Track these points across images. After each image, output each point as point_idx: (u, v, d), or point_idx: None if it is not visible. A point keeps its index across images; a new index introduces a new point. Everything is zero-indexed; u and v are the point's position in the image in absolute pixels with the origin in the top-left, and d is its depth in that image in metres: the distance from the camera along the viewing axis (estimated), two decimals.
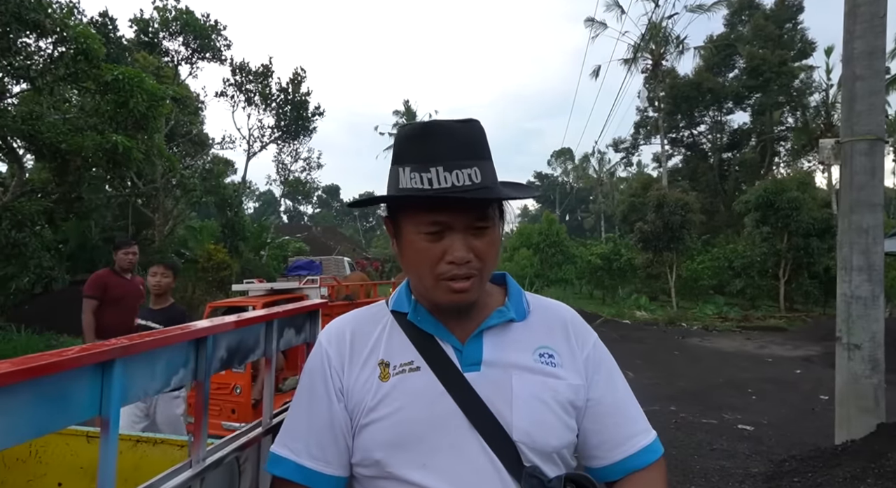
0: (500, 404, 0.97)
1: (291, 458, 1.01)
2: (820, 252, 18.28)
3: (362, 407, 1.00)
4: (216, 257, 18.46)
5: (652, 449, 1.06)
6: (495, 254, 1.01)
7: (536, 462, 0.97)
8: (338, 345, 1.06)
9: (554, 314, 1.11)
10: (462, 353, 1.01)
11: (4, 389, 0.66)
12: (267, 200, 50.48)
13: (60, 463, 1.63)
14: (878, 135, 4.58)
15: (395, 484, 0.96)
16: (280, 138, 22.60)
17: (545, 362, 1.03)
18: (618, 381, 1.08)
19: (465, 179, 0.93)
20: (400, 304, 1.09)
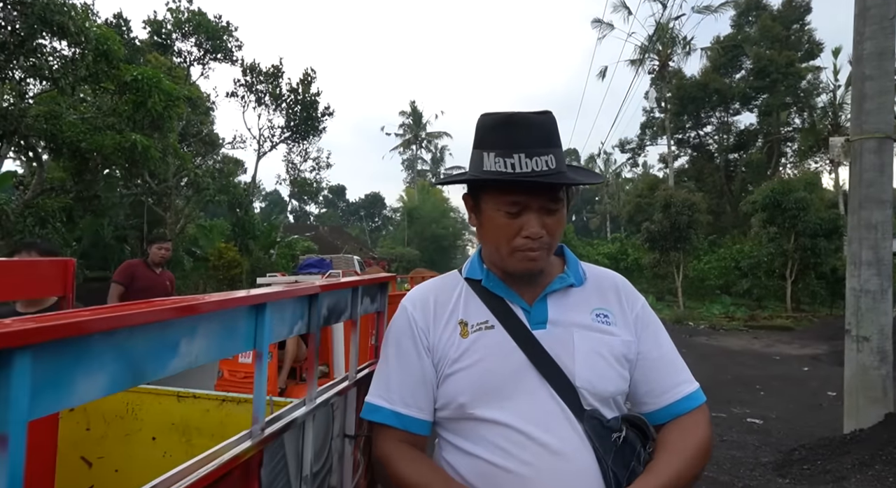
0: (564, 357, 1.13)
1: (388, 407, 1.18)
2: (827, 252, 18.37)
3: (447, 360, 1.16)
4: (227, 256, 18.70)
5: (694, 397, 1.19)
6: (562, 231, 1.16)
7: (596, 405, 1.13)
8: (423, 310, 1.22)
9: (607, 280, 1.27)
10: (530, 314, 1.17)
11: (206, 315, 0.85)
12: (273, 200, 50.82)
13: (154, 420, 1.81)
14: (887, 133, 4.73)
15: (477, 423, 1.13)
16: (290, 138, 22.82)
17: (601, 321, 1.18)
18: (663, 338, 1.23)
19: (542, 165, 1.08)
20: (473, 272, 1.26)
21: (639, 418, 1.17)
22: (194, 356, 0.83)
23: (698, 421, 1.17)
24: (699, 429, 1.16)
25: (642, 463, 1.11)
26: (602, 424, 1.11)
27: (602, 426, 1.11)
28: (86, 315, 0.61)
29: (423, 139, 56.21)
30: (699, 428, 1.16)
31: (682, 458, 1.10)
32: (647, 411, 1.20)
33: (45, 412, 0.57)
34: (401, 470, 1.13)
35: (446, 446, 1.19)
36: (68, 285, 1.85)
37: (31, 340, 0.52)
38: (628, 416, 1.16)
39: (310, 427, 1.21)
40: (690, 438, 1.14)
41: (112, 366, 0.66)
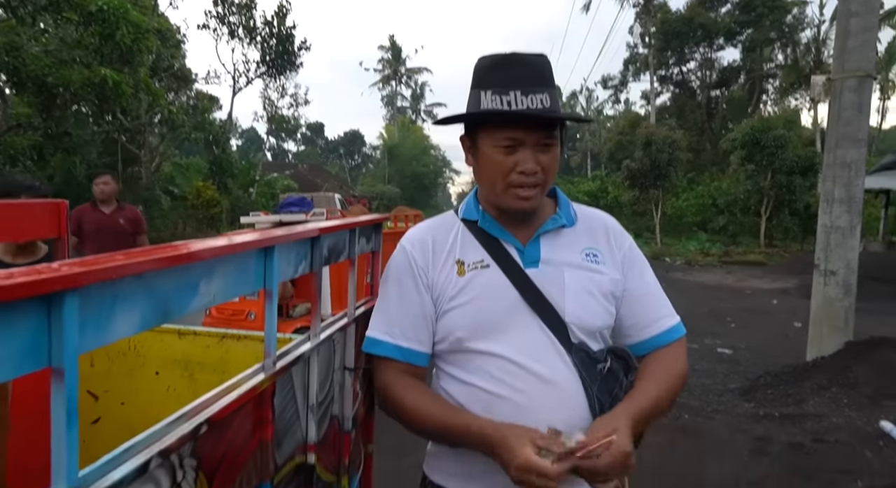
0: (554, 294, 1.20)
1: (389, 341, 1.26)
2: (802, 189, 18.74)
3: (445, 297, 1.23)
4: (205, 194, 18.47)
5: (675, 330, 1.28)
6: (556, 168, 1.20)
7: (583, 338, 1.21)
8: (422, 249, 1.28)
9: (597, 220, 1.32)
10: (524, 254, 1.23)
11: (222, 258, 0.89)
12: (251, 138, 49.64)
13: (156, 356, 1.88)
14: (868, 71, 4.77)
15: (472, 354, 1.21)
16: (266, 73, 22.07)
17: (590, 260, 1.25)
18: (648, 276, 1.30)
19: (538, 103, 1.12)
20: (469, 213, 1.30)
21: (623, 350, 1.25)
22: (212, 295, 0.88)
23: (676, 352, 1.26)
24: (677, 360, 1.25)
25: (624, 390, 1.20)
26: (588, 355, 1.19)
27: (588, 357, 1.19)
28: (120, 260, 0.65)
29: (403, 75, 54.74)
30: (677, 359, 1.25)
31: (660, 386, 1.18)
32: (630, 343, 1.28)
33: (90, 347, 0.62)
34: (401, 399, 1.22)
35: (444, 376, 1.28)
36: (62, 227, 1.87)
37: (79, 283, 0.57)
38: (613, 348, 1.25)
39: (315, 361, 1.28)
40: (669, 368, 1.22)
41: (144, 305, 0.71)
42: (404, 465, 3.89)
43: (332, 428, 1.47)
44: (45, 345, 0.56)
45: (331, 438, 1.46)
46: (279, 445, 1.13)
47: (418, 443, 4.62)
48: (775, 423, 4.22)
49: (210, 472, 0.86)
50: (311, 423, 1.28)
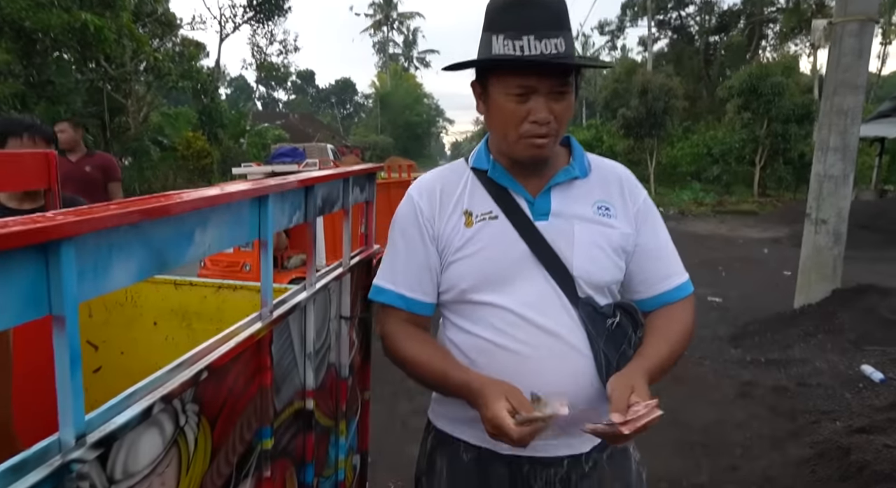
0: (563, 247, 1.17)
1: (393, 290, 1.25)
2: (797, 138, 18.63)
3: (451, 248, 1.21)
4: (195, 145, 18.18)
5: (684, 287, 1.26)
6: (569, 117, 1.16)
7: (590, 293, 1.19)
8: (429, 199, 1.25)
9: (611, 172, 1.28)
10: (533, 205, 1.20)
11: (217, 207, 0.89)
12: (239, 86, 48.46)
13: (153, 307, 1.90)
14: (871, 15, 4.66)
15: (477, 305, 1.20)
16: (253, 18, 21.34)
17: (602, 213, 1.21)
18: (660, 232, 1.27)
19: (552, 48, 1.07)
20: (480, 162, 1.26)
21: (631, 305, 1.23)
22: (207, 245, 0.88)
23: (685, 308, 1.24)
24: (685, 316, 1.23)
25: (632, 346, 1.18)
26: (596, 310, 1.17)
27: (595, 311, 1.17)
28: (115, 209, 0.65)
29: (395, 20, 53.09)
30: (685, 315, 1.23)
31: (669, 342, 1.17)
32: (638, 298, 1.26)
33: (89, 295, 0.63)
34: (403, 347, 1.22)
35: (449, 325, 1.27)
36: (52, 178, 1.84)
37: (74, 232, 0.57)
38: (621, 303, 1.22)
39: (311, 309, 1.30)
40: (677, 324, 1.21)
41: (140, 255, 0.71)
42: (400, 411, 4.01)
43: (330, 375, 1.51)
44: (44, 293, 0.56)
45: (328, 385, 1.49)
46: (278, 391, 1.16)
47: (413, 391, 4.77)
48: (761, 368, 4.35)
49: (212, 417, 0.89)
50: (309, 370, 1.31)
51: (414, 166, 9.56)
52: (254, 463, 1.06)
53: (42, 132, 2.40)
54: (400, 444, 3.56)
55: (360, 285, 1.77)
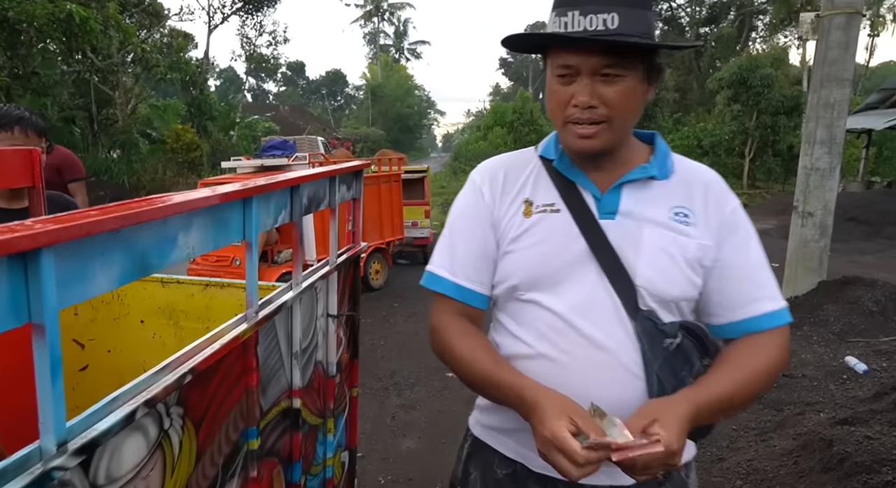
0: (628, 251, 1.04)
1: (449, 278, 1.15)
2: (786, 130, 18.75)
3: (506, 238, 1.12)
4: (185, 138, 17.99)
5: (775, 316, 1.05)
6: (629, 106, 1.01)
7: (654, 307, 1.04)
8: (491, 183, 1.16)
9: (697, 176, 1.12)
10: (600, 202, 1.08)
11: (200, 211, 0.89)
12: (229, 78, 48.02)
13: (140, 305, 1.90)
14: (857, 8, 4.68)
15: (524, 304, 1.10)
16: (242, 9, 21.12)
17: (679, 220, 1.06)
18: (751, 249, 1.08)
19: (598, 24, 0.95)
20: (547, 151, 1.16)
21: (699, 328, 1.06)
22: (191, 247, 0.89)
23: (772, 341, 1.05)
24: (770, 351, 1.04)
25: (694, 374, 1.03)
26: (656, 326, 1.03)
27: (655, 328, 1.03)
28: (95, 215, 0.65)
29: (385, 11, 52.73)
30: (771, 349, 1.04)
31: (739, 377, 1.00)
32: (716, 323, 1.09)
33: (70, 302, 0.63)
34: (450, 344, 1.12)
35: (497, 325, 1.19)
36: (37, 175, 1.83)
37: (53, 240, 0.57)
38: (687, 324, 1.06)
39: (297, 309, 1.30)
40: (756, 358, 1.03)
41: (121, 260, 0.71)
42: (390, 405, 4.03)
43: (317, 373, 1.51)
44: (23, 301, 0.57)
45: (315, 383, 1.50)
46: (264, 391, 1.16)
47: (402, 386, 4.79)
48: None
49: (196, 419, 0.89)
50: (296, 370, 1.31)
51: (404, 159, 9.54)
52: (240, 463, 1.06)
53: (33, 124, 2.25)
54: (390, 439, 3.58)
55: (347, 283, 1.78)
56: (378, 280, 7.47)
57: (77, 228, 0.60)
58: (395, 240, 7.78)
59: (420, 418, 3.83)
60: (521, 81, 51.40)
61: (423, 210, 8.74)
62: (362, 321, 6.82)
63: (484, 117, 28.09)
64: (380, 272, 7.51)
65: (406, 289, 7.40)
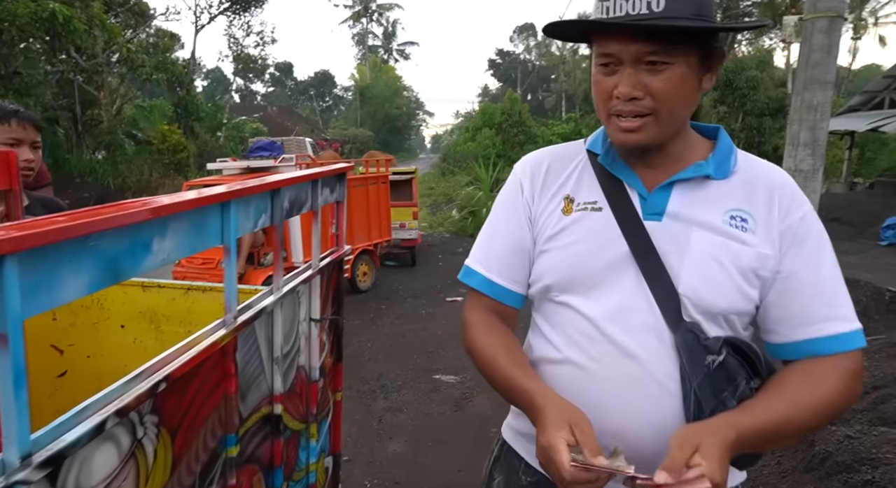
0: (672, 256, 0.95)
1: (483, 273, 1.11)
2: (771, 131, 18.95)
3: (544, 235, 1.06)
4: (171, 139, 17.86)
5: (846, 339, 0.93)
6: (679, 96, 0.92)
7: (698, 319, 0.94)
8: (532, 177, 1.11)
9: (763, 177, 1.00)
10: (646, 201, 1.00)
11: (176, 216, 0.88)
12: (216, 78, 47.69)
13: (120, 310, 1.87)
14: (839, 12, 4.74)
15: (558, 306, 1.04)
16: (229, 9, 21.00)
17: (735, 225, 0.96)
18: (824, 261, 0.96)
19: (641, 7, 0.88)
20: (595, 145, 1.09)
21: (748, 346, 0.96)
22: (167, 253, 0.87)
23: (837, 369, 0.92)
24: (834, 378, 0.91)
25: (738, 397, 0.92)
26: (698, 340, 0.93)
27: (697, 342, 0.93)
28: (62, 221, 0.63)
29: (374, 11, 52.66)
30: (834, 377, 0.91)
31: (791, 406, 0.89)
32: (776, 342, 0.99)
33: (36, 311, 0.62)
34: (477, 339, 1.08)
35: (533, 325, 1.13)
36: (13, 178, 1.80)
37: (16, 248, 0.56)
38: (734, 340, 0.95)
39: (278, 313, 1.29)
40: (815, 386, 0.90)
41: (91, 267, 0.70)
42: (377, 408, 4.01)
43: (299, 378, 1.50)
44: None
45: (298, 388, 1.48)
46: (244, 398, 1.15)
47: (389, 388, 4.77)
48: None
49: (172, 427, 0.88)
50: (277, 375, 1.30)
51: (393, 161, 9.52)
52: (218, 471, 1.05)
53: (29, 117, 2.26)
54: (376, 442, 3.57)
55: (330, 286, 1.76)
56: (366, 282, 7.44)
57: (41, 236, 0.58)
58: (382, 241, 7.77)
59: (407, 421, 3.81)
60: (509, 83, 51.53)
61: (410, 211, 8.73)
62: (349, 323, 6.79)
63: (472, 118, 28.14)
64: (367, 274, 7.49)
65: (393, 291, 7.39)
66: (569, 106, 41.92)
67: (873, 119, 14.80)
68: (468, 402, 4.04)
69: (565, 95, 43.98)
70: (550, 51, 49.43)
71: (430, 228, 13.01)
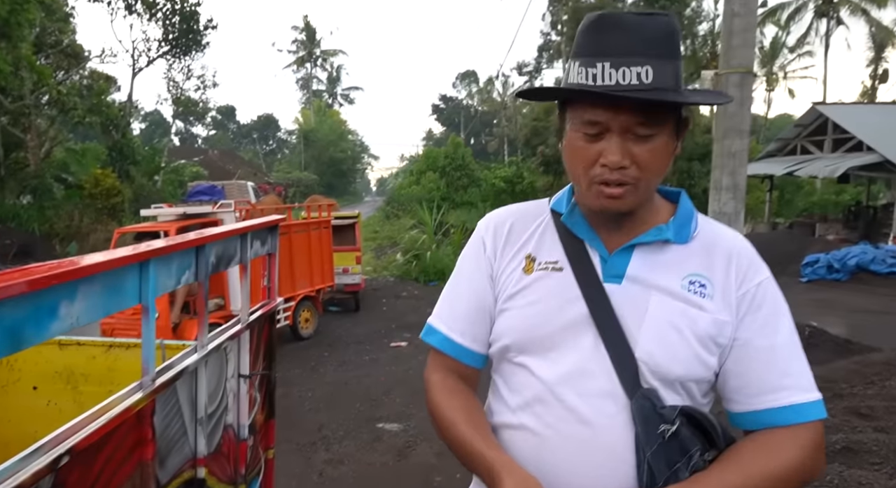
0: (631, 320, 0.95)
1: (444, 332, 1.09)
2: (700, 175, 20.01)
3: (504, 294, 1.04)
4: (104, 183, 17.23)
5: (803, 410, 0.92)
6: (659, 165, 0.94)
7: (656, 386, 0.93)
8: (494, 235, 1.10)
9: (722, 243, 1.01)
10: (607, 263, 0.99)
11: (86, 278, 0.85)
12: (155, 121, 46.63)
13: (33, 370, 1.76)
14: (748, 68, 5.14)
15: (515, 368, 1.02)
16: (169, 53, 20.74)
17: (693, 290, 0.96)
18: (780, 328, 0.96)
19: (632, 78, 0.88)
20: (559, 205, 1.08)
21: (704, 416, 0.94)
22: (75, 317, 0.84)
23: (795, 440, 0.91)
24: (791, 451, 0.90)
25: (690, 468, 0.91)
26: (654, 408, 0.92)
27: (654, 410, 0.92)
28: None
29: (318, 57, 53.21)
30: (792, 449, 0.90)
31: (743, 479, 0.87)
32: (736, 411, 0.98)
33: None
34: (437, 402, 1.05)
35: (493, 386, 1.11)
36: None
37: None
38: (689, 410, 0.93)
39: (203, 372, 1.25)
40: (769, 459, 0.89)
41: None
42: (317, 461, 3.87)
43: (227, 437, 1.45)
44: None
45: (225, 448, 1.43)
46: (162, 463, 1.10)
47: (331, 440, 4.63)
48: None
49: None
50: (201, 436, 1.25)
51: (335, 205, 9.48)
52: None
53: None
54: None
55: (261, 340, 1.73)
56: (308, 328, 7.27)
57: None
58: (325, 287, 7.65)
59: (348, 473, 3.69)
60: (453, 127, 52.66)
61: (354, 256, 8.66)
62: (289, 372, 6.60)
63: (417, 162, 28.50)
64: (309, 320, 7.33)
65: (336, 338, 7.24)
66: (511, 150, 43.12)
67: (788, 164, 15.93)
68: (412, 451, 3.96)
69: (507, 139, 45.27)
70: (492, 97, 51.04)
71: (375, 272, 12.92)
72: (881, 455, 2.83)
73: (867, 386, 4.16)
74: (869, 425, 3.27)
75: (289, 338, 6.83)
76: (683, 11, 28.63)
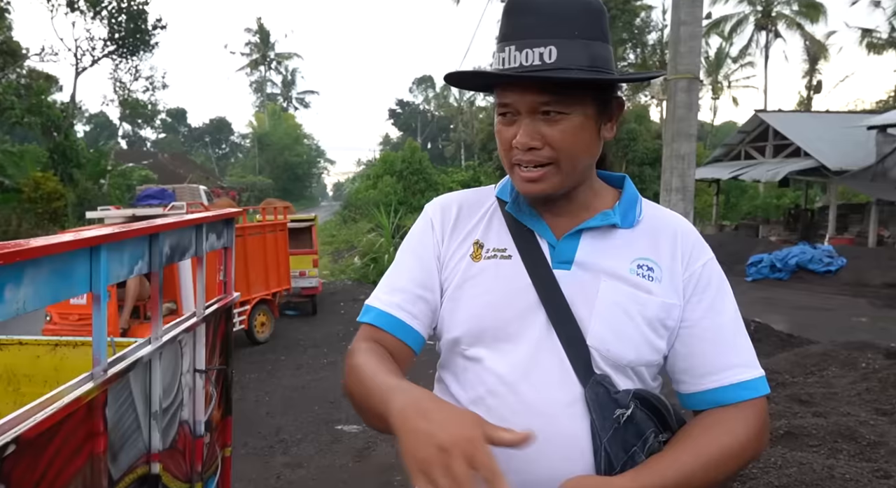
0: (581, 306, 0.94)
1: (379, 307, 1.01)
2: (651, 179, 20.62)
3: (451, 283, 1.01)
4: (45, 186, 16.50)
5: (749, 386, 0.94)
6: (577, 146, 0.92)
7: (608, 372, 0.93)
8: (443, 217, 1.07)
9: (667, 227, 1.01)
10: (555, 249, 0.98)
11: (33, 261, 0.83)
12: (101, 123, 44.96)
13: None
14: (695, 74, 5.34)
15: (466, 361, 0.99)
16: (115, 53, 20.03)
17: (641, 274, 0.96)
18: (725, 308, 0.98)
19: (534, 59, 0.88)
20: (503, 193, 1.06)
21: (657, 398, 0.95)
22: (21, 303, 0.81)
23: (743, 416, 0.93)
24: (739, 427, 0.91)
25: (647, 451, 0.91)
26: (608, 394, 0.91)
27: (608, 396, 0.91)
28: None
29: (273, 60, 52.42)
30: (740, 425, 0.92)
31: (695, 458, 0.88)
32: (684, 392, 0.99)
33: None
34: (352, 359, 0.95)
35: (439, 383, 1.07)
36: None
37: None
38: (642, 393, 0.94)
39: (157, 365, 1.22)
40: (721, 435, 0.90)
41: None
42: (275, 464, 3.80)
43: (183, 433, 1.41)
44: None
45: (181, 444, 1.40)
46: (115, 457, 1.07)
47: (289, 443, 4.58)
48: None
49: None
50: (155, 431, 1.22)
51: (291, 208, 9.34)
52: None
53: None
54: None
55: (217, 335, 1.69)
56: (263, 332, 7.14)
57: None
58: (281, 290, 7.52)
59: (307, 476, 3.64)
60: (410, 131, 52.67)
61: (310, 259, 8.55)
62: (246, 376, 6.48)
63: (374, 166, 28.38)
64: (265, 324, 7.19)
65: (293, 341, 7.13)
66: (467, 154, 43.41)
67: (734, 169, 16.59)
68: (371, 451, 3.93)
69: (464, 144, 45.56)
70: (448, 101, 51.30)
71: (332, 276, 12.78)
72: (819, 437, 2.98)
73: (807, 376, 4.37)
74: (808, 410, 3.44)
75: (244, 343, 6.69)
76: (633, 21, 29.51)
